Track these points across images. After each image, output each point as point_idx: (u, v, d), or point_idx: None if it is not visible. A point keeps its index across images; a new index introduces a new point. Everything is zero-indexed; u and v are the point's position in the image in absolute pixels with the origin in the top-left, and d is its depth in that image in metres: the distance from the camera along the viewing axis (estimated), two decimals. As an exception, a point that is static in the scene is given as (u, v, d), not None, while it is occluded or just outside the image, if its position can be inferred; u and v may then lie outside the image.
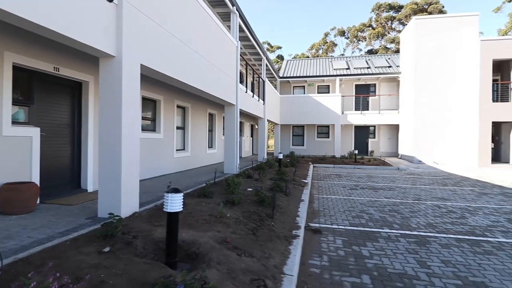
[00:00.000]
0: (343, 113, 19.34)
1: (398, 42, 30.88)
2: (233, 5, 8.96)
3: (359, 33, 41.61)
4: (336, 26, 44.62)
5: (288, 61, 26.16)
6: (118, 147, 4.06)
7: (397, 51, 32.15)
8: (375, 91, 20.88)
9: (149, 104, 8.57)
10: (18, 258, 2.62)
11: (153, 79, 6.43)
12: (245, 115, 15.32)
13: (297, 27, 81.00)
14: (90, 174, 6.07)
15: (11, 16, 2.80)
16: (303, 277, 2.96)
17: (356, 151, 16.10)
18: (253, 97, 12.50)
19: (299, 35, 79.70)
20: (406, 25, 20.31)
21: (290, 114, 19.51)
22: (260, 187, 6.05)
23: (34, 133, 4.86)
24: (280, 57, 44.29)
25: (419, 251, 3.70)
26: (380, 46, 39.09)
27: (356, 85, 21.24)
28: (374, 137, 20.91)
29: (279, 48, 46.79)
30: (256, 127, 20.75)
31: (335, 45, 43.95)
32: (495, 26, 50.52)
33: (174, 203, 2.57)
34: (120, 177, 4.06)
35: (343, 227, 4.69)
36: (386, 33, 39.02)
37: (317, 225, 4.76)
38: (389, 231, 4.50)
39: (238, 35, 9.66)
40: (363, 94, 20.66)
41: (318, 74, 21.40)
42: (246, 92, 11.25)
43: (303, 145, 21.65)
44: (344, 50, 44.49)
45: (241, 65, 10.96)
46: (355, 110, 20.17)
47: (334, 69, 21.60)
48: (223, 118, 11.14)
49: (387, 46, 38.44)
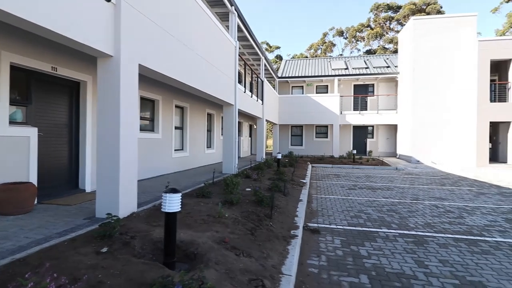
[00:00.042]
0: (341, 113, 19.37)
1: (397, 43, 30.91)
2: (231, 5, 8.96)
3: (358, 33, 41.71)
4: (334, 26, 44.76)
5: (286, 61, 26.18)
6: (116, 147, 4.05)
7: (396, 51, 32.22)
8: (373, 91, 20.92)
9: (148, 104, 8.55)
10: (15, 259, 2.62)
11: (151, 79, 6.42)
12: (243, 115, 15.32)
13: (296, 27, 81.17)
14: (88, 174, 6.05)
15: (10, 16, 2.79)
16: (301, 277, 2.96)
17: (355, 151, 16.13)
18: (251, 97, 12.49)
19: (297, 35, 79.86)
20: (404, 25, 20.37)
21: (289, 114, 19.52)
22: (258, 187, 6.05)
23: (31, 133, 4.84)
24: (279, 57, 44.34)
25: (417, 250, 3.71)
26: (378, 46, 39.19)
27: (354, 85, 21.27)
28: (373, 137, 20.96)
29: (278, 48, 46.89)
30: (255, 127, 20.75)
31: (334, 45, 44.05)
32: (493, 26, 50.71)
33: (172, 203, 2.57)
34: (118, 177, 4.05)
35: (341, 227, 4.70)
36: (385, 33, 39.13)
37: (316, 225, 4.76)
38: (387, 231, 4.52)
39: (236, 35, 9.65)
40: (361, 94, 20.70)
41: (316, 74, 21.43)
42: (244, 92, 11.25)
43: (302, 145, 21.67)
44: (343, 50, 44.64)
45: (239, 65, 10.98)
46: (354, 110, 20.20)
47: (333, 69, 21.63)
48: (222, 118, 11.12)
49: (386, 46, 38.53)
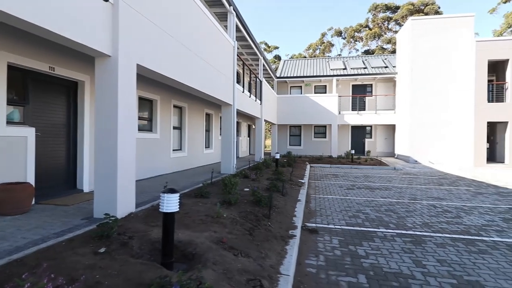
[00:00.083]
0: (340, 113, 19.40)
1: (395, 43, 30.97)
2: (230, 5, 8.95)
3: (356, 34, 41.79)
4: (333, 27, 44.84)
5: (285, 61, 26.19)
6: (114, 147, 4.04)
7: (394, 51, 32.26)
8: (371, 91, 20.97)
9: (146, 104, 8.54)
10: (12, 259, 2.60)
11: (149, 79, 6.41)
12: (242, 115, 15.32)
13: (294, 28, 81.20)
14: (86, 174, 6.03)
15: (11, 17, 2.79)
16: (300, 277, 2.97)
17: (353, 151, 16.15)
18: (250, 97, 12.49)
19: (296, 36, 79.92)
20: (403, 25, 20.40)
21: (287, 114, 19.53)
22: (257, 187, 6.05)
23: (29, 133, 4.82)
24: (277, 57, 44.36)
25: (415, 250, 3.72)
26: (376, 46, 39.29)
27: (353, 85, 21.31)
28: (371, 137, 21.00)
29: (276, 48, 46.89)
30: (253, 127, 20.76)
31: (332, 45, 44.11)
32: (490, 27, 51.16)
33: (170, 203, 2.56)
34: (116, 177, 4.04)
35: (339, 226, 4.71)
36: (383, 33, 39.22)
37: (314, 225, 4.77)
38: (385, 230, 4.53)
39: (235, 35, 9.64)
40: (359, 94, 20.73)
41: (315, 74, 21.44)
42: (243, 92, 11.25)
43: (300, 145, 21.69)
44: (341, 50, 44.71)
45: (238, 65, 10.97)
46: (352, 110, 20.23)
47: (331, 69, 21.65)
48: (220, 118, 11.12)
49: (384, 46, 38.63)
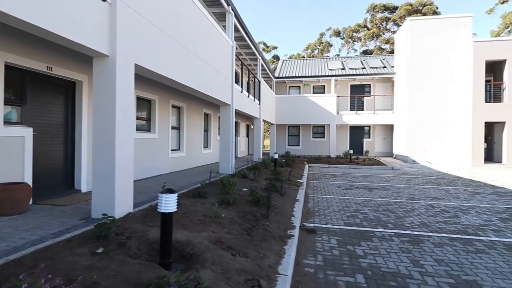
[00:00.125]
0: (338, 113, 19.43)
1: (393, 43, 31.11)
2: (228, 5, 8.95)
3: (354, 34, 41.85)
4: (331, 27, 44.92)
5: (283, 61, 26.21)
6: (112, 147, 4.03)
7: (392, 52, 32.37)
8: (370, 92, 21.01)
9: (144, 104, 8.52)
10: (9, 260, 2.59)
11: (148, 79, 6.40)
12: (240, 115, 15.32)
13: (293, 28, 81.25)
14: (84, 174, 6.02)
15: (11, 18, 2.79)
16: (298, 276, 2.97)
17: (351, 151, 16.20)
18: (248, 97, 12.49)
19: (294, 36, 79.99)
20: (401, 26, 20.47)
21: (286, 114, 19.54)
22: (255, 187, 6.05)
23: (26, 133, 4.80)
24: (276, 57, 44.35)
25: (413, 250, 3.73)
26: (375, 46, 39.37)
27: (351, 85, 21.34)
28: (369, 137, 21.05)
29: (275, 48, 46.89)
30: (252, 127, 20.76)
31: (331, 45, 44.16)
32: (488, 27, 51.34)
33: (168, 203, 2.56)
34: (114, 177, 4.03)
35: (337, 226, 4.72)
36: (381, 34, 39.30)
37: (312, 225, 4.77)
38: (383, 230, 4.54)
39: (233, 35, 9.64)
40: (358, 94, 20.77)
41: (313, 74, 21.46)
42: (241, 92, 11.25)
43: (299, 145, 21.71)
44: (340, 50, 44.79)
45: (236, 65, 10.95)
46: (350, 110, 20.27)
47: (330, 69, 21.68)
48: (219, 118, 11.12)
49: (382, 46, 38.71)
